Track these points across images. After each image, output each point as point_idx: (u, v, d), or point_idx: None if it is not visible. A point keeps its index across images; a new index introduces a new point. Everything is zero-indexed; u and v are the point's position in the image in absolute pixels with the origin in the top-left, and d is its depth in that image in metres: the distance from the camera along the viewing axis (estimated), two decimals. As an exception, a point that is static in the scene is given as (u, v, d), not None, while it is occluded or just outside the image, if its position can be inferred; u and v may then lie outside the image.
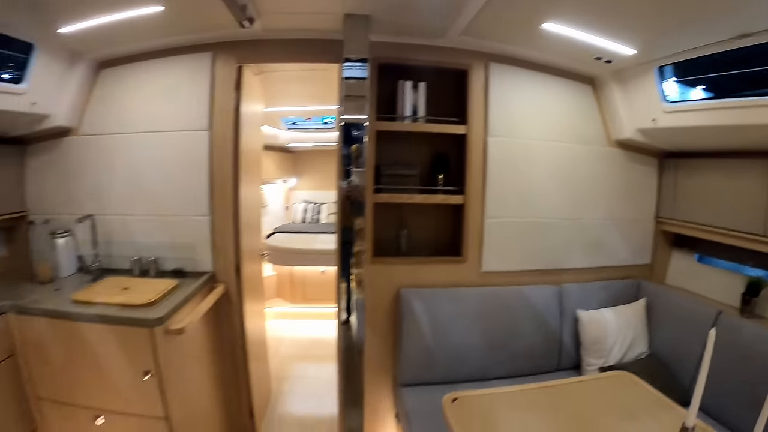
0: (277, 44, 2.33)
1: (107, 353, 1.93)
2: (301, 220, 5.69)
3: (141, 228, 2.43)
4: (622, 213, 2.66)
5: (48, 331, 1.98)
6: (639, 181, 2.70)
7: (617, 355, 2.40)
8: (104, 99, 2.44)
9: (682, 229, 2.59)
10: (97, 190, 2.45)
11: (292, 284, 4.85)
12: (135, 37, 2.25)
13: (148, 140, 2.40)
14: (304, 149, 5.70)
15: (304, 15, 2.10)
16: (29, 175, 2.51)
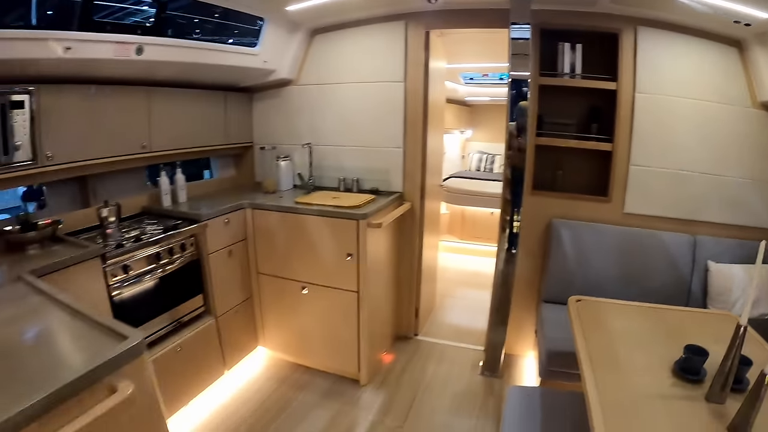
0: (456, 14, 3.06)
1: (320, 239, 2.92)
2: (475, 169, 6.67)
3: (347, 155, 3.49)
4: (764, 174, 2.85)
5: (275, 222, 3.06)
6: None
7: (739, 310, 2.62)
8: (317, 57, 3.50)
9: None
10: (312, 126, 3.57)
11: (463, 223, 5.90)
12: (342, 11, 3.17)
13: (353, 88, 3.40)
14: (481, 103, 6.60)
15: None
16: (256, 115, 3.80)
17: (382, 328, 3.37)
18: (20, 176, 2.30)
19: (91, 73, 2.55)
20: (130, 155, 2.85)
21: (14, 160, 2.24)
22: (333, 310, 3.04)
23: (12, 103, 2.20)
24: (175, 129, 3.14)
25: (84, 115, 2.54)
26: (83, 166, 2.61)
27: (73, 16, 2.42)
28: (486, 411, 2.85)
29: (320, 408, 2.90)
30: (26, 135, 2.27)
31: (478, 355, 3.38)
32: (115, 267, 2.34)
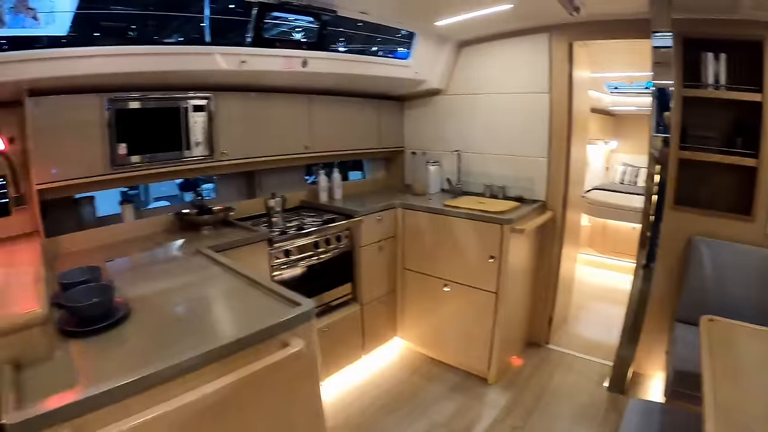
0: (598, 25, 3.21)
1: (465, 240, 3.23)
2: (619, 181, 6.75)
3: (492, 163, 3.80)
4: None
5: (424, 222, 3.43)
6: None
7: None
8: (465, 68, 3.86)
9: None
10: (460, 134, 3.93)
11: (604, 236, 6.05)
12: (487, 25, 3.46)
13: (499, 99, 3.71)
14: (626, 113, 6.66)
15: (617, 2, 2.91)
16: (406, 122, 4.29)
17: (515, 332, 3.58)
18: (199, 168, 3.01)
19: (260, 82, 3.14)
20: (294, 155, 3.47)
21: (195, 154, 2.91)
22: (470, 309, 3.35)
23: (194, 107, 2.88)
24: (333, 133, 3.68)
25: (253, 119, 3.18)
26: (252, 162, 3.25)
27: (247, 34, 3.03)
28: (606, 426, 2.98)
29: (447, 400, 3.23)
30: (205, 134, 2.93)
31: (605, 370, 3.50)
32: (278, 251, 2.87)
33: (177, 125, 2.87)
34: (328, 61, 3.27)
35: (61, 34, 2.93)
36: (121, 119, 2.63)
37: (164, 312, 1.77)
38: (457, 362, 3.61)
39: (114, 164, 2.63)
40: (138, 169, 2.75)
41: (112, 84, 2.58)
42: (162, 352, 1.40)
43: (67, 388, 1.20)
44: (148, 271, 2.42)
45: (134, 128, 2.69)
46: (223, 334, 1.50)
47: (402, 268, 3.72)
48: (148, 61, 2.57)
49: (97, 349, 1.47)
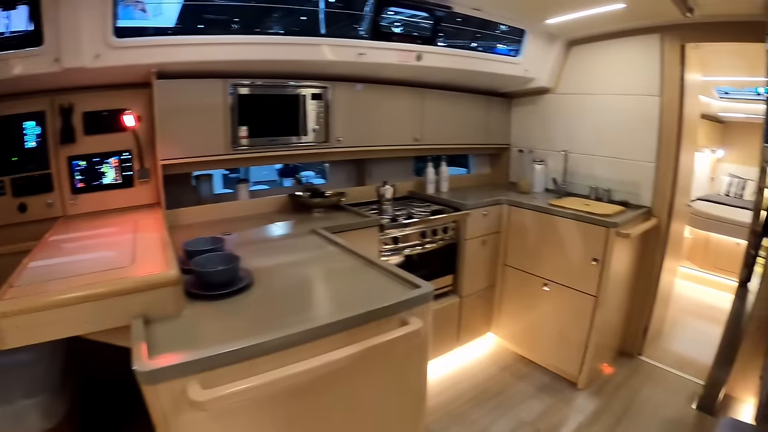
0: (713, 26, 3.19)
1: (569, 241, 3.41)
2: (724, 193, 6.69)
3: (598, 165, 3.93)
4: None
5: (528, 219, 3.63)
6: None
7: None
8: (574, 68, 4.02)
9: None
10: (567, 134, 4.09)
11: (705, 250, 6.01)
12: (598, 24, 3.59)
13: (608, 100, 3.83)
14: (735, 120, 6.55)
15: (732, 4, 2.96)
16: (514, 119, 4.51)
17: (608, 339, 3.68)
18: (314, 153, 3.38)
19: (375, 74, 3.45)
20: (404, 146, 3.79)
21: (311, 140, 3.29)
22: (567, 311, 3.50)
23: (312, 95, 3.24)
24: (443, 126, 3.97)
25: (367, 109, 3.50)
26: (364, 150, 3.59)
27: (360, 27, 3.38)
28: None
29: (535, 399, 3.42)
30: (321, 121, 3.29)
31: (695, 388, 3.56)
32: (388, 237, 3.17)
33: (295, 112, 3.26)
34: (441, 55, 3.56)
35: (168, 25, 3.27)
36: (242, 103, 3.05)
37: (286, 283, 2.01)
38: (548, 363, 3.80)
39: (234, 145, 3.06)
40: (257, 151, 3.17)
41: (233, 71, 2.99)
42: (286, 319, 1.60)
43: (194, 344, 1.40)
44: (265, 245, 2.76)
45: (255, 113, 3.11)
46: (347, 307, 1.66)
47: (503, 264, 3.96)
48: (262, 50, 2.97)
49: (224, 311, 1.68)
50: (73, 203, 2.83)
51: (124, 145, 2.89)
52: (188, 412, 1.30)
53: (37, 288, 1.55)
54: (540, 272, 3.70)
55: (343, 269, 2.19)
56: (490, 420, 3.21)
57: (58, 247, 2.25)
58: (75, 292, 1.46)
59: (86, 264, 1.87)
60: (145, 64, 2.70)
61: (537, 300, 3.73)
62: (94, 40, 2.49)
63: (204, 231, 2.73)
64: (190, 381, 1.26)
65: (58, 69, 2.48)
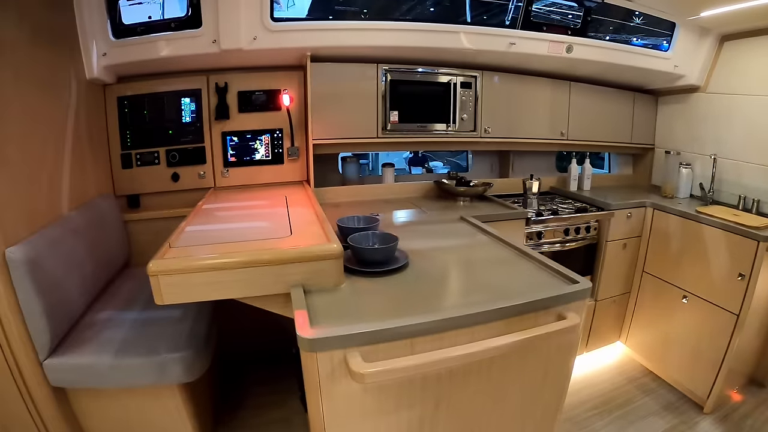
0: None
1: (714, 252, 3.55)
2: None
3: (749, 173, 4.00)
4: None
5: (673, 226, 3.81)
6: None
7: None
8: (726, 65, 4.06)
9: None
10: (716, 137, 4.20)
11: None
12: (757, 17, 3.56)
13: (764, 102, 3.79)
14: None
15: None
16: (659, 118, 4.69)
17: (742, 365, 3.74)
18: (462, 141, 3.81)
19: (522, 65, 3.81)
20: (549, 139, 4.15)
21: (460, 128, 3.69)
22: (705, 327, 3.58)
23: (462, 83, 3.63)
24: (588, 122, 4.27)
25: (515, 100, 3.91)
26: (510, 142, 3.96)
27: (506, 16, 3.74)
28: None
29: (658, 417, 3.57)
30: (471, 110, 3.68)
31: None
32: (531, 231, 3.50)
33: (445, 99, 3.70)
34: (591, 48, 3.86)
35: (300, 16, 3.81)
36: (394, 89, 3.52)
37: (441, 267, 2.22)
38: (676, 381, 3.97)
39: (384, 129, 3.51)
40: (406, 136, 3.62)
41: (383, 56, 3.46)
42: (443, 302, 1.81)
43: (353, 317, 1.56)
44: (415, 228, 3.13)
45: (405, 98, 3.58)
46: (504, 296, 1.76)
47: (642, 270, 4.20)
48: (414, 37, 3.40)
49: (381, 288, 1.88)
50: (224, 176, 3.44)
51: (276, 123, 3.47)
52: (344, 382, 1.46)
53: (196, 251, 1.87)
54: (680, 283, 3.82)
55: (496, 257, 2.35)
56: (609, 431, 3.43)
57: (212, 215, 2.70)
58: (239, 257, 1.75)
59: (243, 232, 2.26)
60: (300, 47, 3.22)
61: (673, 312, 3.87)
62: (251, 23, 3.01)
63: (351, 210, 3.20)
64: (351, 352, 1.42)
65: (216, 50, 3.06)
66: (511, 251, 2.42)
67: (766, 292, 3.50)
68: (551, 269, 2.10)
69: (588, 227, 3.87)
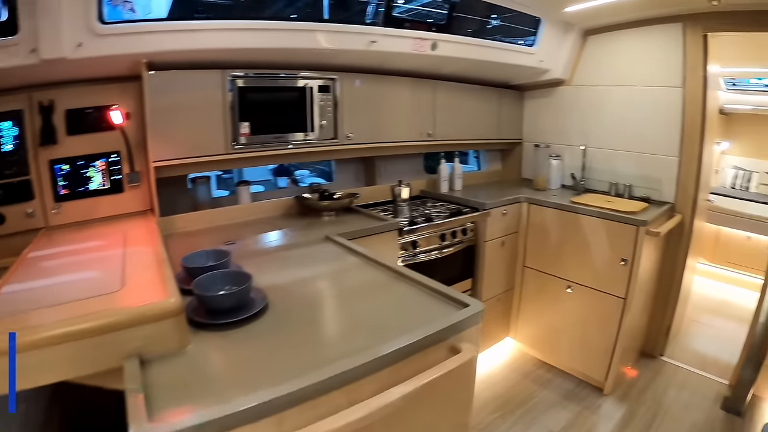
0: (736, 15, 3.28)
1: (595, 240, 3.42)
2: (730, 186, 7.07)
3: (618, 160, 3.99)
4: None
5: (550, 218, 3.64)
6: None
7: None
8: (590, 58, 4.08)
9: None
10: (583, 128, 4.14)
11: (716, 244, 6.29)
12: (618, 12, 3.61)
13: (627, 92, 3.89)
14: (741, 112, 6.91)
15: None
16: (526, 113, 4.56)
17: (632, 341, 3.74)
18: (322, 151, 3.31)
19: (387, 65, 3.40)
20: (416, 142, 3.75)
21: (319, 136, 3.21)
22: (593, 313, 3.54)
23: (319, 87, 3.17)
24: (455, 121, 3.96)
25: (379, 102, 3.47)
26: (374, 147, 3.54)
27: (367, 12, 3.30)
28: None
29: (561, 408, 3.47)
30: (330, 115, 3.23)
31: (720, 388, 3.70)
32: (406, 242, 3.12)
33: (301, 106, 3.21)
34: (456, 44, 3.54)
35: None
36: (243, 97, 2.98)
37: (307, 305, 1.87)
38: (572, 368, 3.84)
39: (235, 143, 2.98)
40: (260, 149, 3.10)
41: (231, 60, 2.90)
42: (315, 353, 1.46)
43: (205, 392, 1.23)
44: (275, 257, 2.66)
45: (257, 107, 3.05)
46: (386, 334, 1.51)
47: (522, 266, 4.00)
48: (262, 37, 2.89)
49: (237, 344, 1.50)
50: (56, 212, 2.68)
51: (112, 145, 2.77)
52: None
53: (11, 323, 1.34)
54: (562, 273, 3.76)
55: (370, 283, 2.07)
56: None
57: (37, 267, 2.05)
58: (52, 330, 1.27)
59: (69, 289, 1.69)
60: (134, 54, 2.57)
61: (559, 303, 3.79)
62: (75, 26, 2.33)
63: (204, 240, 2.70)
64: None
65: (36, 61, 2.32)
66: (386, 273, 2.11)
67: (647, 270, 3.59)
68: (435, 291, 1.85)
69: (464, 230, 3.58)
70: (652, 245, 3.49)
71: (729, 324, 4.79)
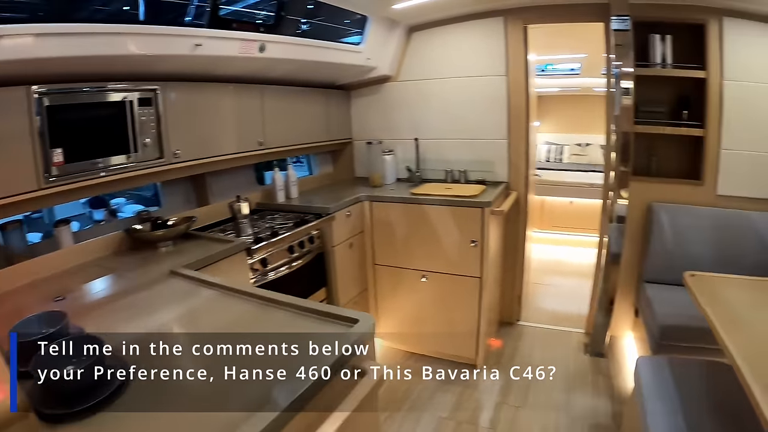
0: (554, 8, 3.49)
1: (443, 227, 3.33)
2: (545, 160, 7.56)
3: (451, 148, 3.97)
4: None
5: (394, 213, 3.50)
6: None
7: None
8: (416, 54, 4.00)
9: None
10: (413, 121, 4.06)
11: (542, 213, 6.62)
12: (442, 9, 3.63)
13: (455, 83, 3.88)
14: (549, 94, 7.41)
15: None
16: (354, 111, 4.37)
17: (492, 314, 3.77)
18: (150, 173, 2.72)
19: (212, 70, 2.98)
20: (248, 152, 3.35)
21: (145, 157, 2.64)
22: (453, 297, 3.50)
23: (140, 101, 2.60)
24: (285, 126, 3.64)
25: (206, 113, 3.00)
26: (206, 163, 3.05)
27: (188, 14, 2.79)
28: (599, 388, 3.37)
29: (443, 392, 3.36)
30: (154, 132, 2.68)
31: (578, 337, 3.93)
32: (255, 260, 2.76)
33: (121, 123, 2.62)
34: (285, 45, 3.22)
35: None
36: (53, 118, 2.33)
37: (176, 362, 1.41)
38: (442, 353, 3.72)
39: (48, 176, 2.32)
40: (78, 179, 2.46)
41: (35, 74, 2.26)
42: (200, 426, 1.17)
43: None
44: (118, 306, 2.07)
45: (71, 129, 2.41)
46: (278, 382, 1.27)
47: (372, 264, 3.81)
48: (66, 44, 2.25)
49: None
50: None
51: None
52: None
53: None
54: (415, 265, 3.66)
55: (239, 319, 1.73)
56: (410, 427, 3.12)
57: None
58: None
59: None
60: None
61: (416, 293, 3.68)
62: None
63: (27, 301, 2.08)
64: None
65: None
66: (253, 303, 1.80)
67: (496, 247, 3.67)
68: (315, 312, 1.63)
69: (311, 238, 3.28)
70: (495, 223, 3.49)
71: (568, 281, 5.09)
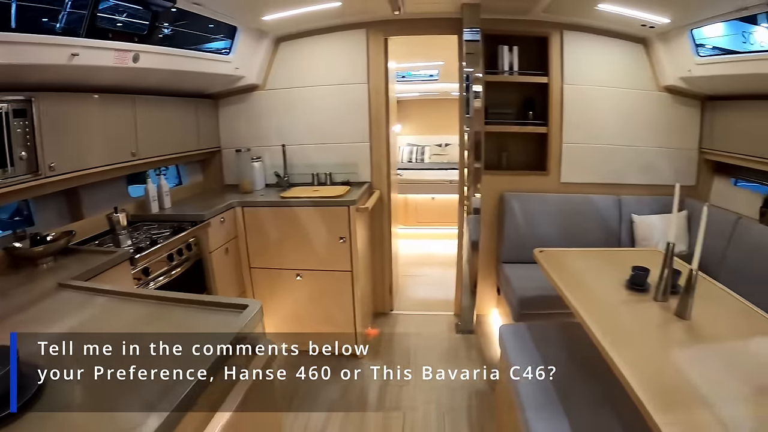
0: (414, 22, 3.76)
1: (313, 227, 3.42)
2: (407, 161, 7.79)
3: (316, 153, 4.07)
4: (669, 143, 3.91)
5: (266, 217, 3.54)
6: (683, 118, 3.91)
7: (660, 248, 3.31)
8: (283, 63, 4.04)
9: (719, 157, 3.70)
10: (280, 128, 4.11)
11: (407, 210, 6.91)
12: (309, 21, 3.73)
13: (320, 91, 3.98)
14: (410, 99, 7.68)
15: (435, 3, 3.51)
16: (222, 120, 4.29)
17: (366, 306, 3.91)
18: (26, 188, 2.52)
19: (87, 80, 2.82)
20: (121, 163, 3.17)
21: (20, 171, 2.42)
22: (328, 292, 3.61)
23: (15, 112, 2.38)
24: (157, 136, 3.50)
25: (80, 124, 2.82)
26: (80, 176, 2.87)
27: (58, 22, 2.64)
28: (472, 360, 3.63)
29: (329, 384, 3.41)
30: (30, 145, 2.46)
31: (449, 319, 4.22)
32: (139, 269, 2.67)
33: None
34: (158, 55, 3.13)
35: None
36: None
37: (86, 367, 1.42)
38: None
39: None
40: None
41: None
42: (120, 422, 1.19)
43: None
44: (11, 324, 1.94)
45: None
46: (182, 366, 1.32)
47: (249, 267, 3.81)
48: None
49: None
50: None
51: None
52: None
53: None
54: (289, 264, 3.71)
55: (140, 320, 1.73)
56: (304, 420, 3.17)
57: None
58: None
59: None
60: None
61: (294, 292, 3.73)
62: None
63: None
64: None
65: None
66: (149, 304, 1.83)
67: (363, 243, 3.82)
68: (208, 304, 1.75)
69: (189, 245, 3.22)
70: (361, 220, 3.62)
71: (435, 270, 5.38)
